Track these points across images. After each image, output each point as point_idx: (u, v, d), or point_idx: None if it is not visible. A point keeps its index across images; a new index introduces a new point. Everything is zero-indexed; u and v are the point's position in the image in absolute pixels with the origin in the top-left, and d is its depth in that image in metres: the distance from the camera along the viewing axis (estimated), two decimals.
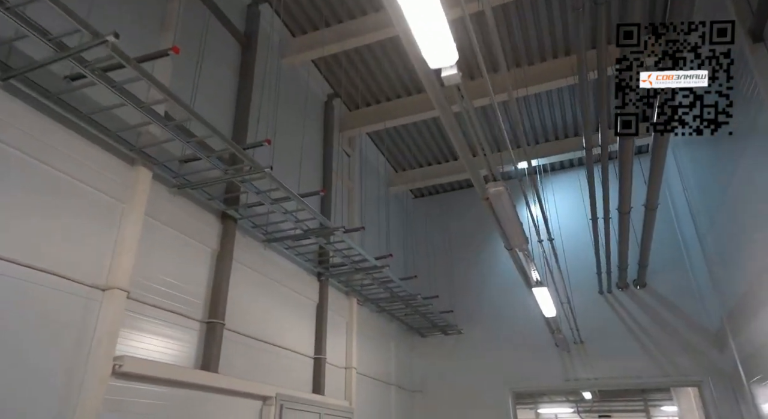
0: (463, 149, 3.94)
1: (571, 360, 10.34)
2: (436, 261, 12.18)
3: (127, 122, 4.43)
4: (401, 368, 10.69)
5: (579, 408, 22.93)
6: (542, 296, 6.75)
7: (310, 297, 7.53)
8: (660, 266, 10.02)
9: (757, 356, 7.51)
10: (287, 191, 5.22)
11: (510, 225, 4.32)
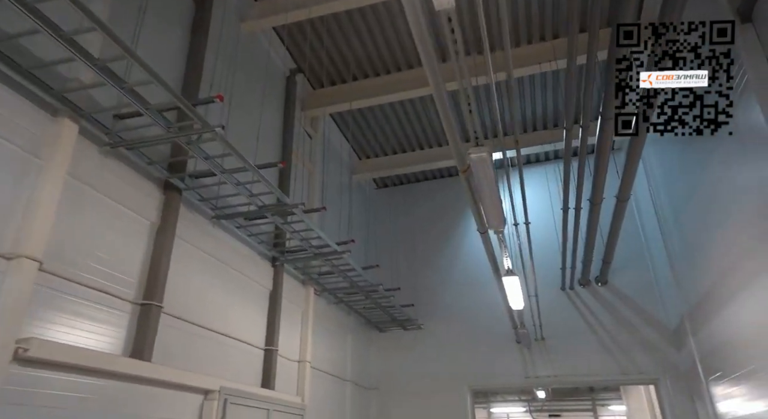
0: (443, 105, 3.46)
1: (531, 357, 10.13)
2: (398, 254, 11.76)
3: (45, 59, 3.73)
4: (358, 364, 10.19)
5: (531, 407, 23.10)
6: (512, 287, 6.41)
7: (263, 284, 6.92)
8: (622, 264, 9.95)
9: (716, 354, 7.47)
10: (241, 158, 4.62)
11: (490, 198, 3.90)
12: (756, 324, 6.19)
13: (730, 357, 7.02)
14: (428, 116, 10.17)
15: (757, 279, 5.95)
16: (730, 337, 6.95)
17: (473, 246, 11.38)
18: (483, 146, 3.45)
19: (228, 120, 6.27)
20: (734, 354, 6.88)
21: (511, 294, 6.70)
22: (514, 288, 6.47)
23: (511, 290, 6.52)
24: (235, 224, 6.08)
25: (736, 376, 6.95)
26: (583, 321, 10.11)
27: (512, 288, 6.46)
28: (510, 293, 6.67)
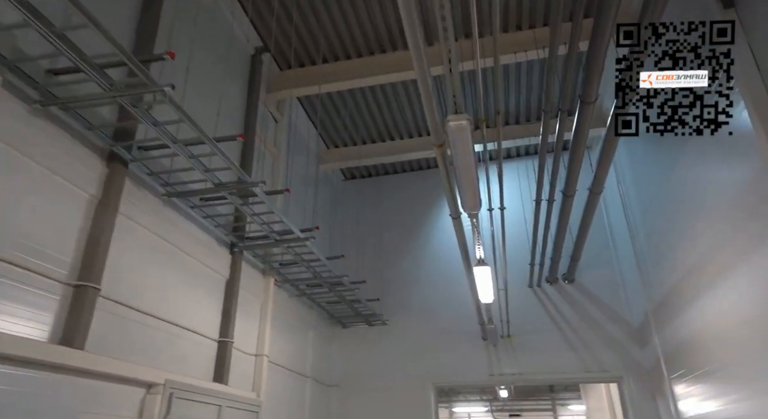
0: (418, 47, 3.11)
1: (497, 355, 9.96)
2: (365, 248, 11.41)
3: None
4: (319, 360, 9.78)
5: (492, 407, 23.17)
6: (483, 278, 6.15)
7: (219, 271, 6.45)
8: (588, 262, 9.90)
9: (679, 352, 7.45)
10: (194, 126, 4.18)
11: (466, 175, 3.60)
12: (717, 323, 6.17)
13: (692, 356, 7.01)
14: (400, 105, 9.87)
15: (720, 279, 5.92)
16: (692, 336, 6.93)
17: (442, 242, 11.17)
18: (462, 114, 3.14)
19: (185, 94, 5.79)
20: (696, 353, 6.86)
21: (482, 286, 6.45)
22: (485, 279, 6.22)
23: (482, 281, 6.27)
24: (189, 205, 5.60)
25: (696, 375, 6.93)
26: (549, 318, 10.02)
27: (483, 279, 6.22)
28: (480, 285, 6.42)
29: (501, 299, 8.68)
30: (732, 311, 5.74)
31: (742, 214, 5.21)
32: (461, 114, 3.15)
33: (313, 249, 6.86)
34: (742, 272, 5.38)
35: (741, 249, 5.33)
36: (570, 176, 6.14)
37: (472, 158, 3.45)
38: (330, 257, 7.83)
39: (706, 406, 6.74)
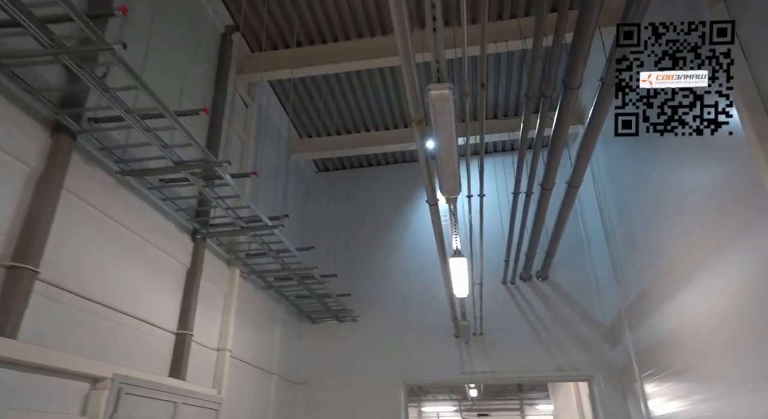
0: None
1: (469, 353, 9.77)
2: (337, 242, 11.08)
3: None
4: (286, 356, 9.41)
5: (461, 407, 23.11)
6: (458, 270, 5.91)
7: (180, 259, 6.03)
8: (562, 260, 9.81)
9: (652, 351, 7.39)
10: (150, 95, 3.79)
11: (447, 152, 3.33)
12: (689, 323, 6.14)
13: (664, 355, 6.96)
14: (377, 95, 9.58)
15: (691, 280, 5.89)
16: (664, 335, 6.88)
17: (416, 237, 10.94)
18: (445, 83, 2.87)
19: (144, 66, 5.37)
20: (667, 352, 6.82)
21: (457, 279, 6.21)
22: (461, 272, 5.98)
23: (458, 273, 6.03)
24: (147, 185, 5.18)
25: (667, 374, 6.88)
26: (522, 316, 9.89)
27: (458, 272, 5.97)
28: (455, 278, 6.18)
29: (475, 295, 8.49)
30: (703, 312, 5.70)
31: (714, 215, 5.20)
32: (444, 83, 2.88)
33: (281, 238, 6.50)
34: (713, 273, 5.35)
35: (712, 250, 5.32)
36: (549, 167, 5.96)
37: (453, 132, 3.18)
38: (300, 249, 7.49)
39: (675, 405, 6.69)
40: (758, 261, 4.47)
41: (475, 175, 5.94)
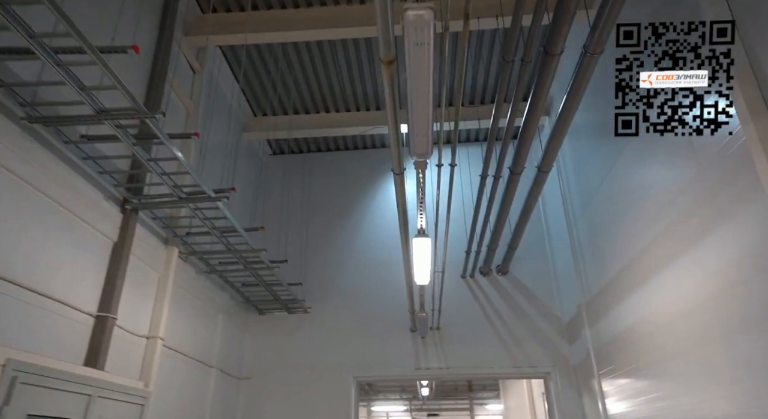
0: None
1: (425, 348, 9.34)
2: (290, 229, 10.40)
3: None
4: (228, 348, 8.67)
5: (411, 406, 22.78)
6: (422, 252, 5.41)
7: (105, 232, 5.26)
8: (523, 254, 9.54)
9: (611, 347, 7.18)
10: (60, 17, 3.08)
11: (421, 100, 2.83)
12: (650, 319, 5.97)
13: (623, 351, 6.75)
14: (338, 71, 9.00)
15: (656, 274, 5.70)
16: (625, 331, 6.68)
17: (376, 227, 10.45)
18: (425, 2, 2.36)
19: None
20: (627, 349, 6.61)
21: (419, 263, 5.71)
22: (424, 254, 5.49)
23: (420, 256, 5.53)
24: (64, 138, 4.40)
25: (626, 371, 6.68)
26: (480, 311, 9.55)
27: (421, 254, 5.47)
28: (417, 262, 5.67)
29: (435, 285, 8.04)
30: (668, 306, 5.51)
31: (680, 213, 5.06)
32: (423, 2, 2.37)
33: (226, 214, 5.82)
34: (680, 267, 5.19)
35: (676, 247, 5.17)
36: (521, 145, 5.58)
37: (430, 73, 2.68)
38: (248, 229, 6.81)
39: (634, 403, 6.47)
40: (727, 257, 4.29)
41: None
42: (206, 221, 6.14)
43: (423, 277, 6.18)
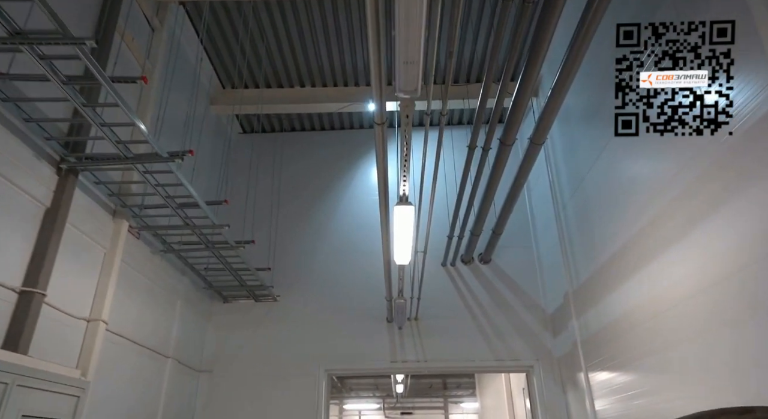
0: None
1: (401, 339, 8.75)
2: (259, 212, 9.67)
3: None
4: (188, 338, 7.93)
5: (385, 404, 22.18)
6: (404, 224, 4.76)
7: (35, 196, 4.51)
8: (506, 241, 9.02)
9: (601, 337, 6.71)
10: None
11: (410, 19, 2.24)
12: (645, 306, 5.54)
13: (615, 342, 6.29)
14: (315, 40, 8.32)
15: (648, 262, 5.29)
16: (616, 320, 6.23)
17: (352, 211, 9.83)
18: None
19: None
20: (619, 339, 6.16)
21: (400, 238, 5.08)
22: (406, 227, 4.86)
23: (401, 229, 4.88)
24: None
25: (617, 363, 6.23)
26: (461, 301, 9.01)
27: (403, 226, 4.83)
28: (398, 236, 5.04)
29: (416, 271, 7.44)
30: (662, 294, 5.08)
31: (679, 194, 4.63)
32: None
33: (180, 178, 5.11)
34: (675, 253, 4.76)
35: (675, 229, 4.73)
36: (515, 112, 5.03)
37: None
38: (210, 202, 6.10)
39: (624, 397, 6.02)
40: (734, 238, 3.84)
41: None
42: (160, 189, 5.42)
43: (403, 255, 5.55)
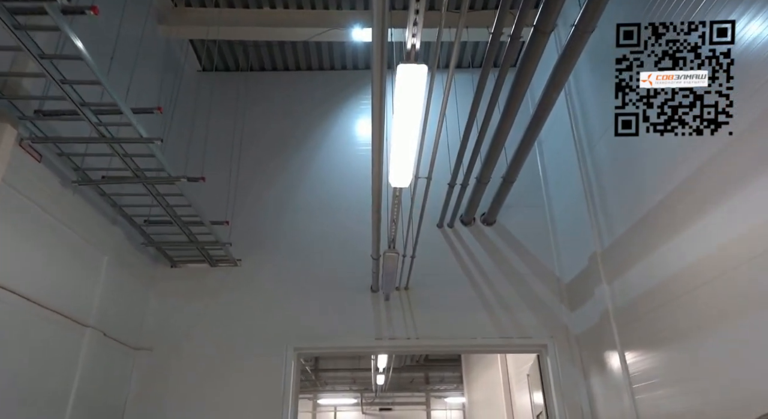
0: None
1: (388, 312, 7.23)
2: (219, 162, 8.00)
3: None
4: (119, 306, 6.27)
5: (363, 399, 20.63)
6: (409, 96, 3.02)
7: None
8: (513, 200, 7.62)
9: (642, 306, 5.33)
10: None
11: None
12: (700, 268, 4.18)
13: (660, 313, 4.93)
14: None
15: (716, 204, 3.91)
16: (662, 285, 4.87)
17: (330, 164, 8.30)
18: None
19: None
20: (667, 309, 4.80)
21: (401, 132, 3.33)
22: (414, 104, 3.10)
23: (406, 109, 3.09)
24: None
25: (663, 338, 4.87)
26: (460, 268, 7.53)
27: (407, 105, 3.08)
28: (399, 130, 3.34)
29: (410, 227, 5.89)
30: (733, 248, 3.72)
31: (743, 128, 3.42)
32: None
33: (95, 72, 3.47)
34: (752, 193, 3.46)
35: (740, 171, 3.54)
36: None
37: None
38: (138, 110, 4.47)
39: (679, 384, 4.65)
40: None
41: None
42: (66, 87, 3.77)
43: (404, 168, 3.85)
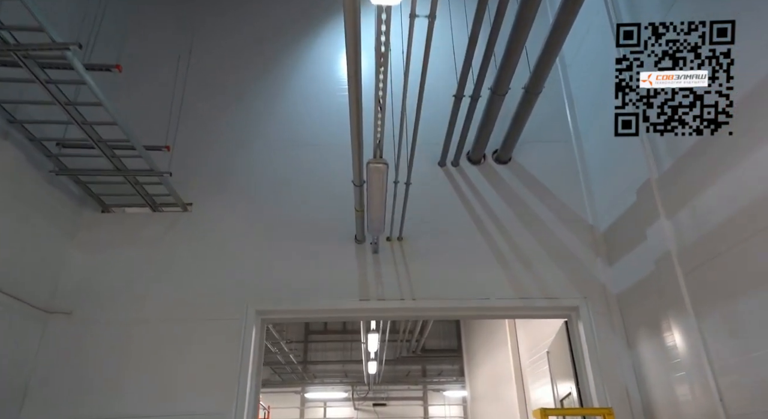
0: None
1: (377, 268, 5.70)
2: (158, 74, 6.42)
3: None
4: (22, 257, 4.74)
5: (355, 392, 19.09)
6: None
7: None
8: (531, 135, 6.16)
9: (719, 239, 3.84)
10: None
11: None
12: None
13: (753, 243, 3.45)
14: None
15: None
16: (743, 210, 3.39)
17: (304, 93, 6.76)
18: None
19: None
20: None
21: None
22: None
23: None
24: None
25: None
26: (468, 215, 6.01)
27: None
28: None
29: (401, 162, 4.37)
30: None
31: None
32: None
33: None
34: None
35: None
36: None
37: None
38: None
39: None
40: None
41: None
42: None
43: None
